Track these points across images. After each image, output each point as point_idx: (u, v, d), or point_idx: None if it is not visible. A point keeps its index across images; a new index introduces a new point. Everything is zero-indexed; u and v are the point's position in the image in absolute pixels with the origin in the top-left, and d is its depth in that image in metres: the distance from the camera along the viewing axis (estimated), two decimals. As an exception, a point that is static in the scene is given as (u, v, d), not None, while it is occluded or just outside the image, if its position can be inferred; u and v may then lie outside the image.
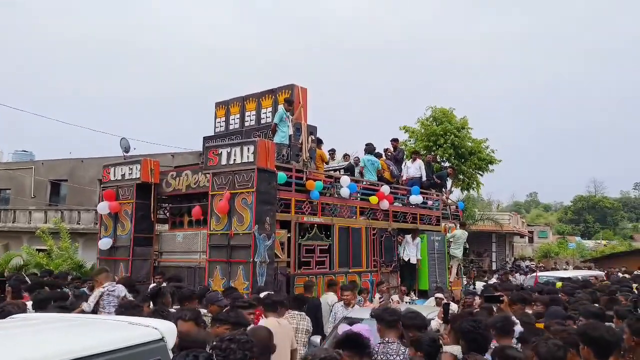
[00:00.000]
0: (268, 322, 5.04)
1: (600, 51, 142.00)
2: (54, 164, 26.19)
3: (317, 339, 6.49)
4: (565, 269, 24.10)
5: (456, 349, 3.84)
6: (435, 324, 5.20)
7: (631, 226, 70.26)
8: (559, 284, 10.56)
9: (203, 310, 5.56)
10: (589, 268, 24.96)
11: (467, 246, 15.16)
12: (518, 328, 4.36)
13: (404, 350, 4.00)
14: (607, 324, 4.13)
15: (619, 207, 72.79)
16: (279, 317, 5.37)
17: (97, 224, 12.04)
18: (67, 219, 21.56)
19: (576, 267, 27.20)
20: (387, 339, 4.25)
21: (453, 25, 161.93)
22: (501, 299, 5.78)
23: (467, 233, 14.48)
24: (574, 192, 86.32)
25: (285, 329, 5.22)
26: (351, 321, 5.81)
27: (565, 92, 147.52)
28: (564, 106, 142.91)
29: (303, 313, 6.34)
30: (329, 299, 8.18)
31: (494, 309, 5.60)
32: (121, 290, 6.75)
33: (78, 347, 2.69)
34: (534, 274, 16.57)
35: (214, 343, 3.08)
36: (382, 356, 4.12)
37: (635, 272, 20.54)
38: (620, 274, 18.27)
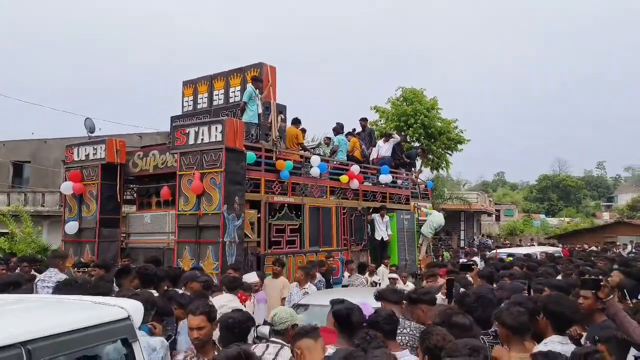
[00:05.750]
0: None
1: (563, 30, 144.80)
2: (16, 145, 25.35)
3: (265, 329, 6.23)
4: (530, 245, 24.77)
5: None
6: (439, 300, 5.33)
7: (593, 204, 72.47)
8: (509, 259, 11.14)
9: (180, 291, 5.57)
10: (552, 244, 25.75)
11: (440, 229, 15.38)
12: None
13: (409, 324, 4.00)
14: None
15: (582, 186, 74.75)
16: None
17: (61, 206, 11.75)
18: (31, 201, 21.00)
19: (540, 244, 28.05)
20: None
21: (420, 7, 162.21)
22: (472, 267, 6.75)
23: (443, 221, 14.62)
24: (540, 171, 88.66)
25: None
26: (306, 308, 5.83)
27: (529, 73, 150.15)
28: (529, 87, 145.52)
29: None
30: None
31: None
32: (55, 278, 6.35)
33: (39, 326, 2.63)
34: (494, 251, 17.10)
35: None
36: None
37: (592, 248, 21.34)
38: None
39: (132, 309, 3.23)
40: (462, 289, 5.50)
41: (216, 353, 3.56)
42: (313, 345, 3.09)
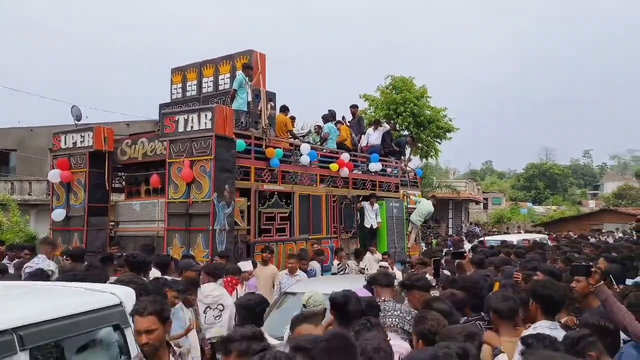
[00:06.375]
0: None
1: (555, 19, 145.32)
2: (2, 133, 24.97)
3: None
4: (517, 233, 25.02)
5: None
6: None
7: (579, 192, 73.26)
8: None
9: (169, 278, 5.54)
10: (538, 232, 26.01)
11: (429, 217, 15.44)
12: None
13: (400, 307, 4.12)
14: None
15: (569, 174, 75.47)
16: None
17: (49, 194, 11.64)
18: (18, 190, 20.79)
19: (527, 231, 28.34)
20: (383, 298, 4.36)
21: None
22: (464, 255, 6.76)
23: (432, 209, 14.67)
24: (527, 160, 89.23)
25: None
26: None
27: (518, 64, 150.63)
28: (518, 78, 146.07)
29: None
30: None
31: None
32: (42, 265, 6.47)
33: (31, 313, 2.62)
34: (482, 238, 17.21)
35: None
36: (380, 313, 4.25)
37: (575, 236, 21.51)
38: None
39: (124, 295, 3.23)
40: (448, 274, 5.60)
41: (171, 356, 3.07)
42: (313, 331, 3.11)
